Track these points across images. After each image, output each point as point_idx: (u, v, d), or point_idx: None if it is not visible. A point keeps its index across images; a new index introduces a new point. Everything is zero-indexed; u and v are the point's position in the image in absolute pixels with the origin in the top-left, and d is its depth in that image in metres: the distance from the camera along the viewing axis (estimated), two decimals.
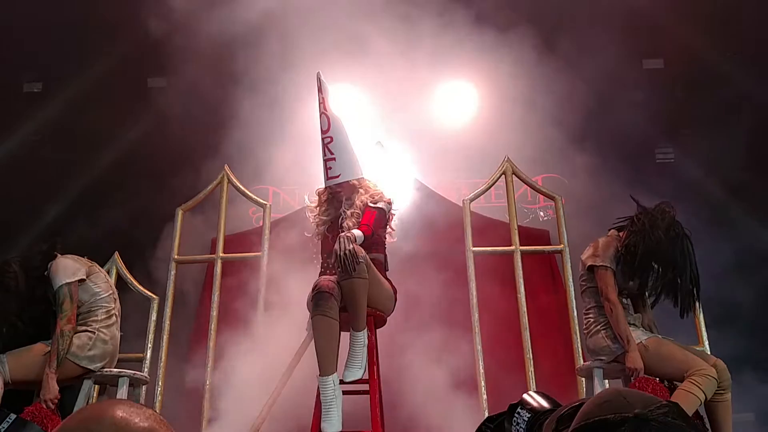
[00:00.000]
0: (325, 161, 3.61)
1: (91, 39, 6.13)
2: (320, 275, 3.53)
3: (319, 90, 3.70)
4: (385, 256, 3.63)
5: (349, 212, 3.54)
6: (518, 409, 1.47)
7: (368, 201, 3.55)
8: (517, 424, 1.46)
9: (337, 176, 3.58)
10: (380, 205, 3.55)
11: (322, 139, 3.63)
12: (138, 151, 6.44)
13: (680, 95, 6.43)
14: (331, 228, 3.64)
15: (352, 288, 3.16)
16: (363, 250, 3.25)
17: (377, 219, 3.50)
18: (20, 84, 6.80)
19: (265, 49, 5.67)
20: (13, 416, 2.46)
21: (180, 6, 5.56)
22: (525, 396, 1.50)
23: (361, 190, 3.60)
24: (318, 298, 3.16)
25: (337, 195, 3.67)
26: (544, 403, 1.46)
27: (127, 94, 6.57)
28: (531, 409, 1.46)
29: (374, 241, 3.51)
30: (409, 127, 5.89)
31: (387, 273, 3.61)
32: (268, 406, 3.29)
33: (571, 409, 1.23)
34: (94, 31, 6.07)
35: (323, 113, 3.65)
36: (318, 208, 3.75)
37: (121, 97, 6.50)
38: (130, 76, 6.59)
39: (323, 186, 3.71)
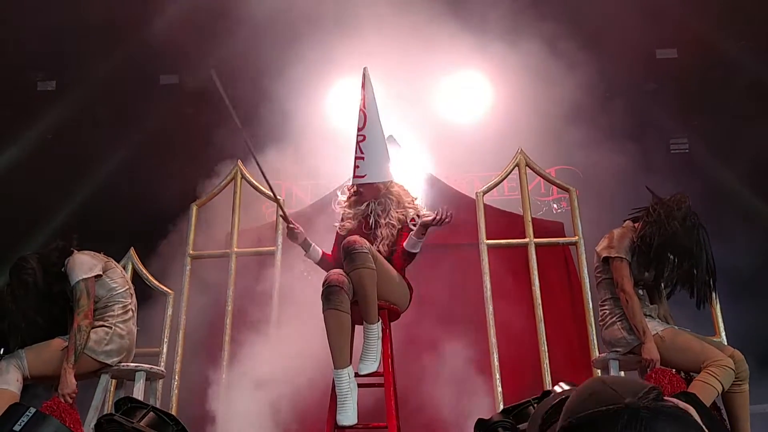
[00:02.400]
0: (355, 159, 3.52)
1: (104, 37, 6.16)
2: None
3: (363, 86, 3.60)
4: None
5: (384, 221, 3.48)
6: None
7: (403, 217, 3.47)
8: None
9: (363, 176, 3.50)
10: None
11: (356, 136, 3.54)
12: (152, 148, 6.48)
13: (694, 85, 6.37)
14: (353, 231, 3.53)
15: (359, 278, 3.15)
16: (367, 242, 3.25)
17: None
18: (34, 83, 6.86)
19: (278, 45, 5.68)
20: (32, 410, 2.49)
21: (191, 3, 5.59)
22: (555, 387, 1.53)
23: (390, 197, 3.53)
24: (328, 293, 3.15)
25: (360, 196, 3.59)
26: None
27: (139, 91, 6.60)
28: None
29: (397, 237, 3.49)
30: (422, 120, 5.88)
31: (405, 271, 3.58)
32: None
33: (560, 400, 1.14)
34: (107, 29, 6.10)
35: (362, 110, 3.56)
36: (346, 202, 3.67)
37: (133, 94, 6.54)
38: (142, 74, 6.62)
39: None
